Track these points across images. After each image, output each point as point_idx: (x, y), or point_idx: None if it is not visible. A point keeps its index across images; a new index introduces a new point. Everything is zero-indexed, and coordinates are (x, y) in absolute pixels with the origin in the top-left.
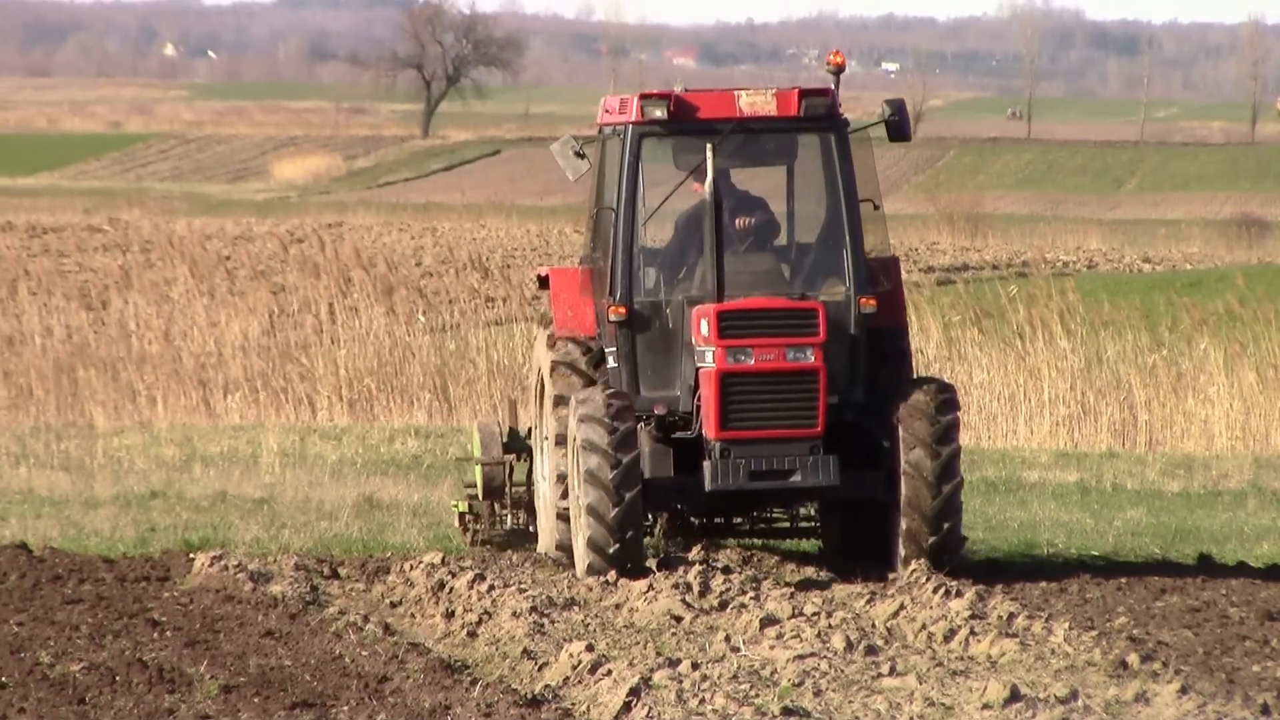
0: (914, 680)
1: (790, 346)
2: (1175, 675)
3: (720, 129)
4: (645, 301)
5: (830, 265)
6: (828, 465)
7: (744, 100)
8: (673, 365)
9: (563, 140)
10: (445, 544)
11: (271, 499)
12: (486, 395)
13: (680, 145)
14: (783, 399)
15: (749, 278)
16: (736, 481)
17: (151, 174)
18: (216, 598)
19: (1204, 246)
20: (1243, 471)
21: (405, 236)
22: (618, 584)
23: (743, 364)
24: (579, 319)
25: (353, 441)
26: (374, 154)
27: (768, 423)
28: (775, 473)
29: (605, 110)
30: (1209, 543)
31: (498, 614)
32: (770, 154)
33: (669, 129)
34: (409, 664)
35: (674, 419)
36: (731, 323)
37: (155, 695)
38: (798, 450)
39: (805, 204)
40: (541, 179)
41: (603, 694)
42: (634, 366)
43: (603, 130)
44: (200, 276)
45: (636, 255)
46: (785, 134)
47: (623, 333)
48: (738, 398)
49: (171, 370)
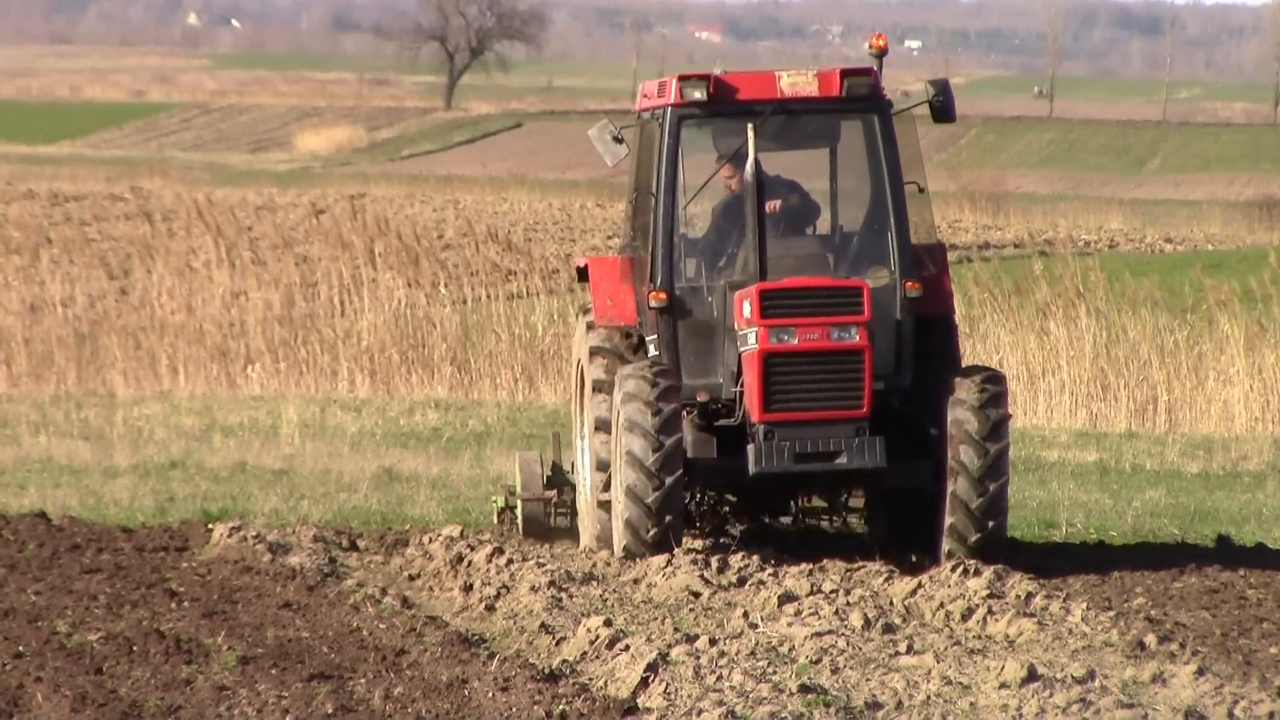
0: (931, 659)
1: (834, 325)
2: (1192, 656)
3: (761, 110)
4: (686, 287)
5: (874, 249)
6: (874, 447)
7: (785, 81)
8: (715, 351)
9: (600, 125)
10: (464, 517)
11: (291, 470)
12: (507, 368)
13: (720, 128)
14: (827, 379)
15: (792, 262)
16: (782, 464)
17: (174, 143)
18: (235, 568)
19: (1225, 227)
20: (1262, 453)
21: (427, 208)
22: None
23: (786, 344)
24: (619, 308)
25: (372, 413)
26: (397, 125)
27: (812, 404)
28: (821, 454)
29: (644, 95)
30: (1228, 524)
31: (516, 588)
32: (812, 136)
33: (708, 111)
34: (426, 637)
35: (717, 406)
36: (774, 302)
37: (173, 665)
38: (843, 432)
39: (848, 187)
40: (564, 153)
41: (620, 669)
42: (675, 353)
43: (641, 115)
44: (223, 246)
45: (677, 240)
46: (827, 115)
47: (664, 319)
48: (781, 378)
49: (192, 340)
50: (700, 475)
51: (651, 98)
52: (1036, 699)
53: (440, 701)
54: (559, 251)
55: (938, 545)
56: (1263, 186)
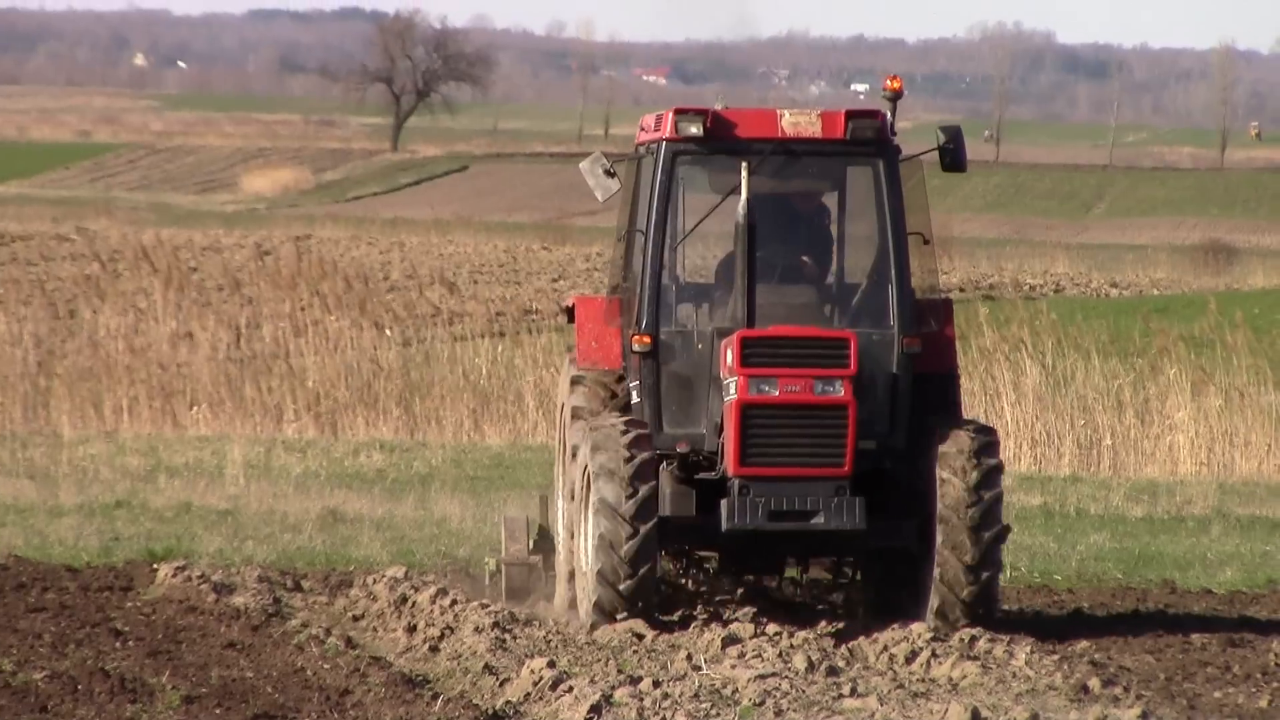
0: (875, 701)
1: (818, 378)
2: (1136, 700)
3: (760, 149)
4: (673, 331)
5: (874, 301)
6: (854, 508)
7: (786, 120)
8: (698, 401)
9: (592, 158)
10: (408, 558)
11: (236, 510)
12: (452, 410)
13: (716, 165)
14: (808, 435)
15: (785, 310)
16: (755, 521)
17: (120, 184)
18: (179, 608)
19: (1171, 272)
20: (1207, 497)
21: (373, 250)
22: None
23: (766, 395)
24: (603, 350)
25: (318, 454)
26: (343, 167)
27: (791, 460)
28: (796, 513)
29: (641, 129)
30: (1172, 568)
31: (460, 629)
32: (813, 179)
33: (705, 147)
34: (370, 678)
35: (697, 458)
36: (755, 350)
37: (117, 705)
38: (822, 491)
39: (850, 233)
40: (509, 195)
41: (564, 711)
42: (658, 401)
43: (637, 149)
44: (168, 287)
45: (666, 282)
46: (830, 158)
47: (647, 364)
48: (759, 431)
49: (138, 380)
50: (674, 534)
51: (648, 131)
52: None
53: None
54: (504, 294)
55: (925, 600)
56: (1209, 231)
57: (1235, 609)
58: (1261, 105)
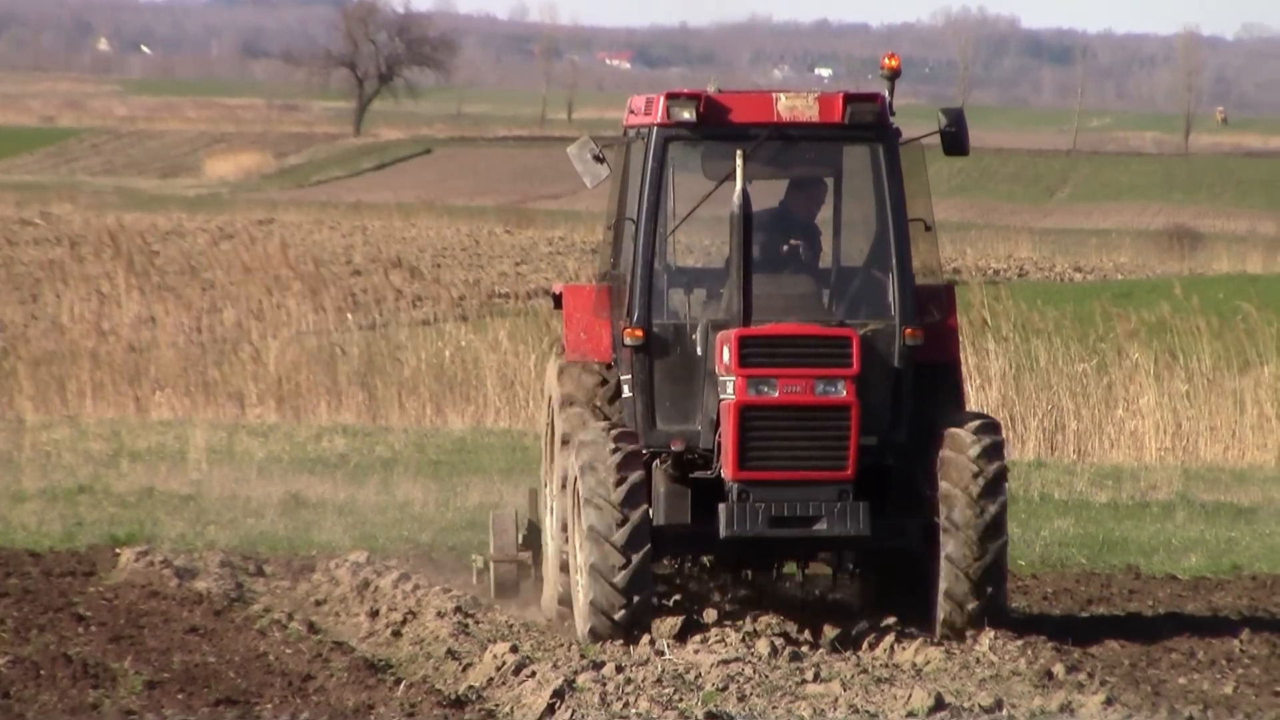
0: (839, 686)
1: (819, 378)
2: (1101, 686)
3: (755, 135)
4: (666, 324)
5: (874, 291)
6: (857, 513)
7: (782, 104)
8: (693, 396)
9: (580, 143)
10: (371, 543)
11: (198, 495)
12: (415, 394)
13: (710, 151)
14: (809, 437)
15: (783, 302)
16: (755, 528)
17: (84, 168)
18: (142, 593)
19: (1135, 256)
20: (1171, 483)
21: (335, 235)
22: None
23: (765, 396)
24: (593, 342)
25: (280, 439)
26: (306, 151)
27: (792, 463)
28: (798, 519)
29: (630, 111)
30: (1137, 554)
31: (422, 613)
32: (811, 164)
33: (698, 133)
34: (333, 662)
35: (692, 456)
36: (754, 350)
37: (79, 690)
38: (824, 495)
39: (849, 220)
40: (472, 179)
41: (526, 695)
42: (650, 397)
43: (627, 133)
44: (131, 271)
45: (658, 271)
46: (828, 143)
47: (639, 358)
48: (759, 434)
49: (101, 364)
50: (667, 544)
51: (638, 115)
52: None
53: None
54: (467, 278)
55: (932, 612)
56: (1173, 216)
57: (1200, 595)
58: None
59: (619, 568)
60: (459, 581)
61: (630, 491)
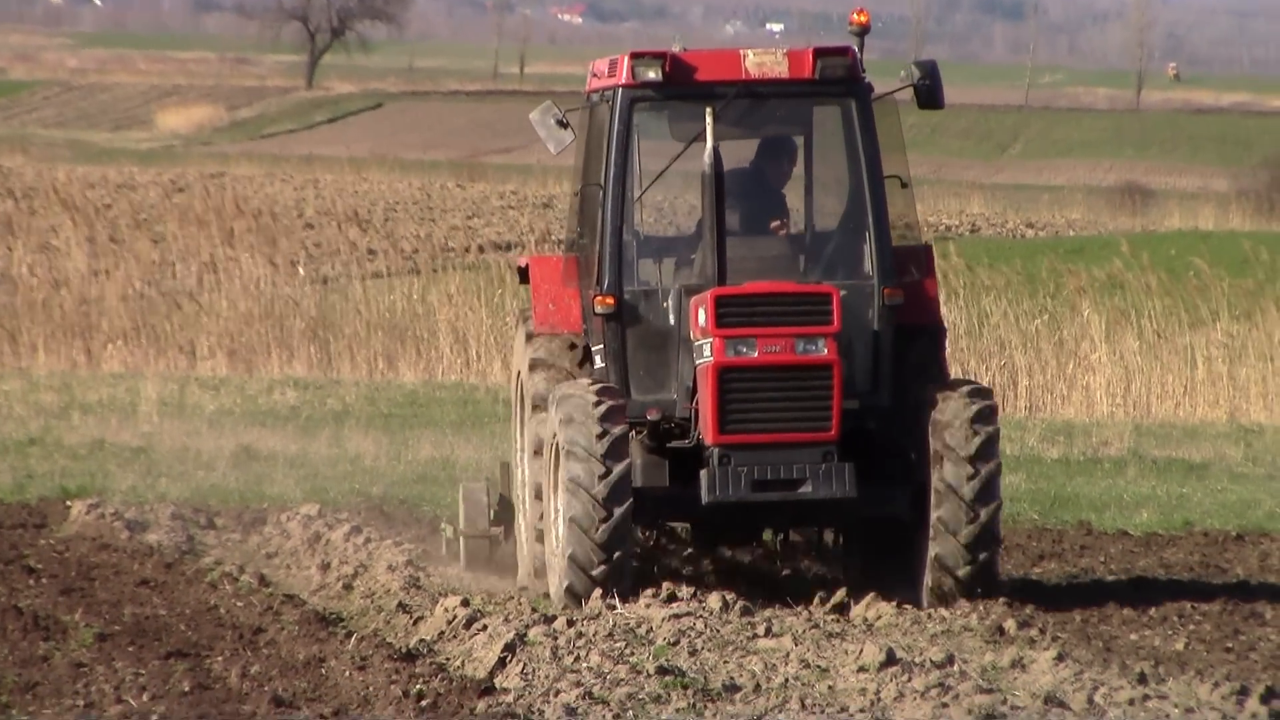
0: (790, 641)
1: (799, 337)
2: (1052, 642)
3: (723, 93)
4: (637, 291)
5: (850, 251)
6: (843, 474)
7: (750, 60)
8: (668, 364)
9: (543, 108)
10: (322, 496)
11: (149, 448)
12: (366, 347)
13: (677, 112)
14: (791, 398)
15: (756, 264)
16: (738, 492)
17: (36, 120)
18: (92, 546)
19: (1087, 213)
20: (1123, 439)
21: (287, 188)
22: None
23: (744, 357)
24: (562, 313)
25: (231, 392)
26: (257, 105)
27: (773, 425)
28: (782, 482)
29: (593, 75)
30: (1088, 510)
31: (373, 567)
32: (781, 122)
33: (664, 93)
34: (284, 615)
35: (669, 425)
36: (731, 309)
37: (30, 642)
38: (808, 457)
39: (822, 180)
40: (424, 133)
41: (478, 649)
42: (624, 366)
43: (590, 97)
44: (82, 224)
45: (628, 239)
46: (798, 99)
47: (611, 327)
48: (739, 396)
49: (52, 317)
50: (649, 506)
51: (601, 77)
52: (895, 683)
53: (297, 680)
54: (419, 232)
55: (919, 581)
56: (1125, 172)
57: (1151, 551)
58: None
59: (600, 521)
60: (410, 535)
61: (614, 444)
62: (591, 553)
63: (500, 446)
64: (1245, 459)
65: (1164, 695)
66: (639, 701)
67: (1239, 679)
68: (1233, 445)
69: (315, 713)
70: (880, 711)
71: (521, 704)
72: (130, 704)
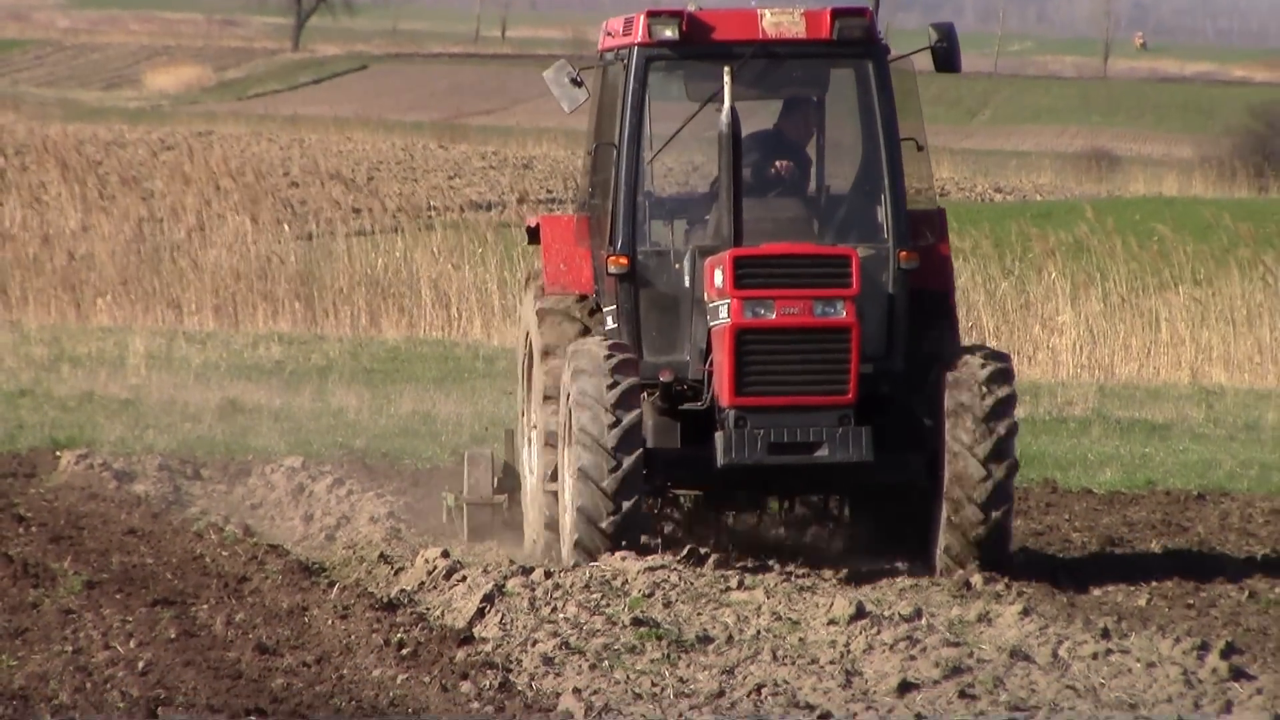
0: (762, 594)
1: (818, 299)
2: (1018, 597)
3: (739, 53)
4: (650, 251)
5: (865, 214)
6: (859, 438)
7: (768, 20)
8: (681, 325)
9: (557, 66)
10: (306, 448)
11: (137, 400)
12: (349, 303)
13: (693, 71)
14: (808, 360)
15: (772, 226)
16: (754, 455)
17: (28, 80)
18: (81, 495)
19: (1055, 178)
20: (1088, 399)
21: (273, 147)
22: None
23: (762, 319)
24: (574, 273)
25: (218, 346)
26: (244, 66)
27: (790, 388)
28: (799, 445)
29: (608, 33)
30: (1053, 468)
31: (355, 518)
32: (797, 83)
33: (680, 52)
34: (268, 565)
35: (682, 388)
36: (749, 270)
37: (20, 589)
38: (825, 420)
39: (838, 142)
40: (407, 95)
41: (457, 599)
42: (636, 327)
43: (604, 56)
44: (73, 181)
45: (641, 199)
46: (815, 60)
47: (624, 287)
48: (756, 358)
49: (42, 271)
50: (660, 467)
51: (616, 36)
52: (864, 635)
53: (281, 628)
54: (401, 190)
55: (932, 547)
56: (1091, 139)
57: (1115, 509)
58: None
59: (609, 470)
60: (391, 487)
61: (624, 395)
62: (600, 503)
63: (479, 401)
64: (1206, 420)
65: (1126, 650)
66: (614, 652)
67: (1200, 635)
68: (1194, 406)
69: (298, 660)
70: (850, 663)
71: (500, 653)
72: (117, 650)
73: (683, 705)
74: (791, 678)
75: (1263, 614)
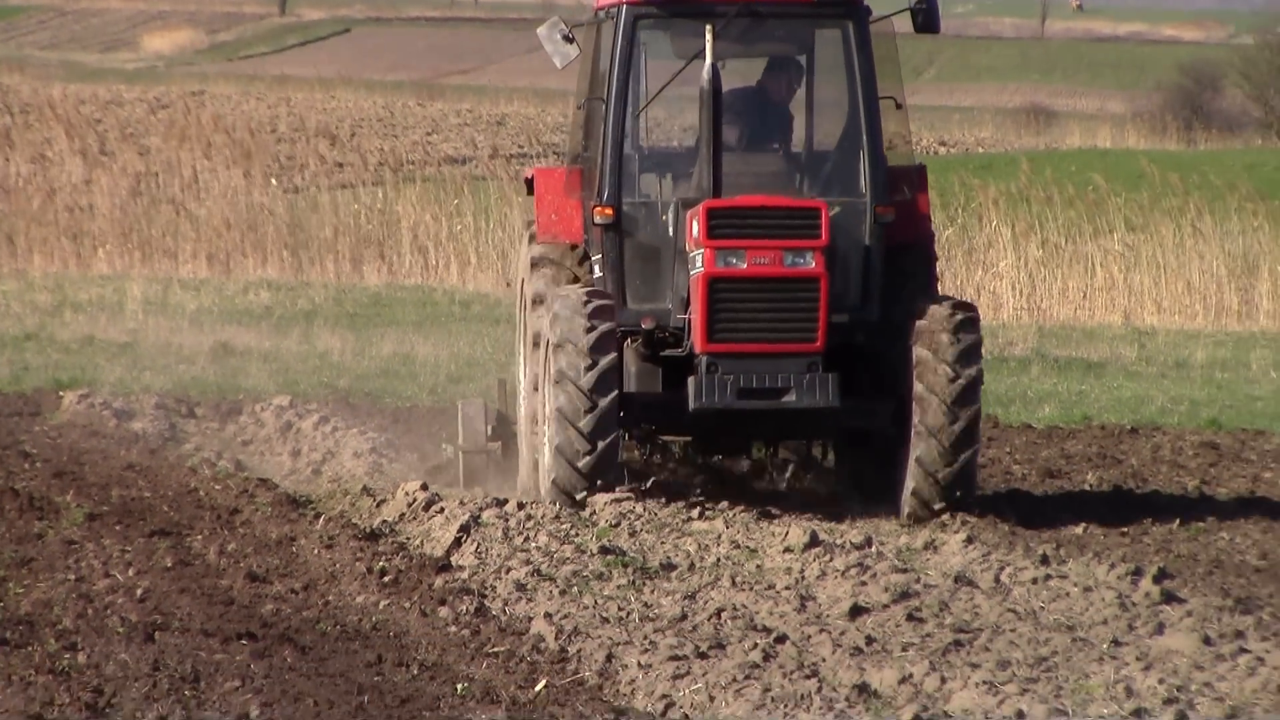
0: (722, 524)
1: (788, 250)
2: (962, 526)
3: (724, 13)
4: (636, 203)
5: (845, 168)
6: (826, 385)
7: None
8: (664, 275)
9: (550, 23)
10: (293, 388)
11: (135, 343)
12: (333, 252)
13: (679, 29)
14: (778, 309)
15: (753, 180)
16: (723, 399)
17: (31, 43)
18: (83, 432)
19: (995, 132)
20: (1027, 340)
21: (262, 105)
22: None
23: (734, 268)
24: (564, 223)
25: (210, 293)
26: (235, 29)
27: (761, 335)
28: (767, 391)
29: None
30: (995, 405)
31: (340, 453)
32: (781, 42)
33: (668, 11)
34: (258, 498)
35: (663, 335)
36: (722, 221)
37: (25, 521)
38: (793, 367)
39: (819, 99)
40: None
41: (435, 530)
42: (621, 275)
43: (597, 14)
44: (74, 138)
45: (628, 152)
46: (798, 20)
47: (609, 237)
48: (727, 306)
49: (46, 223)
50: (634, 411)
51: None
52: (818, 562)
53: (270, 557)
54: (383, 146)
55: (901, 492)
56: (1030, 95)
57: (1053, 443)
58: None
59: (585, 411)
60: (373, 424)
61: (600, 338)
62: (576, 442)
63: (456, 344)
64: (1139, 359)
65: (1065, 575)
66: (583, 579)
67: (1134, 560)
68: (1128, 346)
69: (286, 587)
70: (804, 589)
71: (475, 580)
72: (117, 578)
73: (647, 629)
74: (750, 602)
75: (1192, 541)
